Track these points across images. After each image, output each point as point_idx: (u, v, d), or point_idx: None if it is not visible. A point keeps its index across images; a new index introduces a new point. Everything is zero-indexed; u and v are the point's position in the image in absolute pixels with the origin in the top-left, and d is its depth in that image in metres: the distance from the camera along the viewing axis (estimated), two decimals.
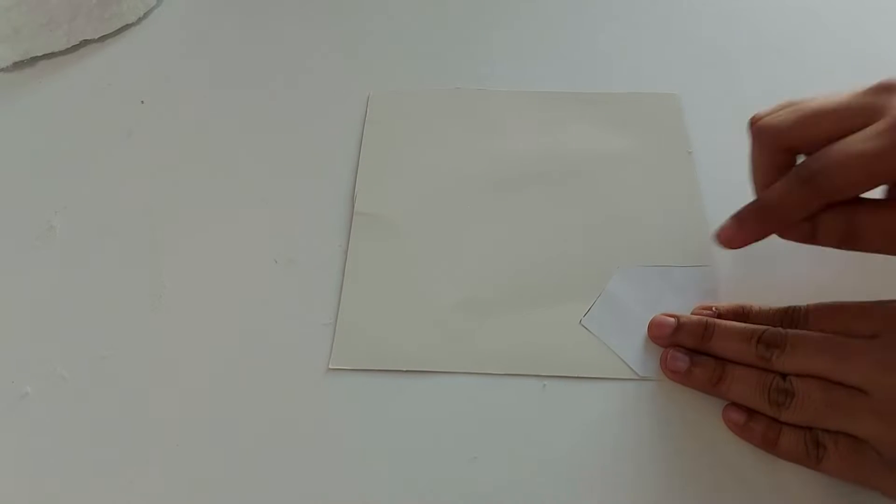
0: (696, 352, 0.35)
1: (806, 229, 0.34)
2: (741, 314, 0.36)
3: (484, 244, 0.41)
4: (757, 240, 0.35)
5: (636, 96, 0.47)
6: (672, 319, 0.36)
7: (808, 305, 0.35)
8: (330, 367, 0.37)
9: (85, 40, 0.52)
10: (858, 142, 0.32)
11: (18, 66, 0.51)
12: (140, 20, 0.53)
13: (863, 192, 0.33)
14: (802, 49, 0.49)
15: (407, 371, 0.36)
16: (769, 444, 0.33)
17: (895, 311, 0.32)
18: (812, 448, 0.32)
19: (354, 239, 0.41)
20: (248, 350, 0.37)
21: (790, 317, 0.35)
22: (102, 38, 0.52)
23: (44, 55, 0.51)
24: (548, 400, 0.35)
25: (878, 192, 0.33)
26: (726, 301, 0.37)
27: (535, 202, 0.42)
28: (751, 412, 0.33)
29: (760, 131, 0.35)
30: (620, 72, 0.49)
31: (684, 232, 0.41)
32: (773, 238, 0.39)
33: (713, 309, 0.36)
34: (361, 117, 0.47)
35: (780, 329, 0.34)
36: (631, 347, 0.37)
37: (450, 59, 0.50)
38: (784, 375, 0.33)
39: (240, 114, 0.48)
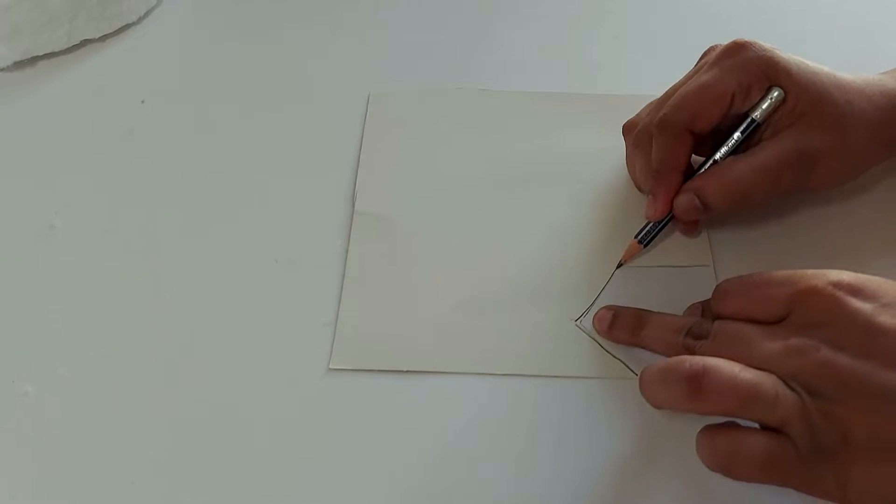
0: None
1: (696, 202, 0.37)
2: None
3: (483, 244, 0.41)
4: (669, 200, 0.38)
5: (635, 98, 0.47)
6: (609, 314, 0.37)
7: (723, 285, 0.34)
8: (330, 367, 0.37)
9: (85, 40, 0.52)
10: (694, 78, 0.38)
11: (19, 65, 0.51)
12: (141, 20, 0.53)
13: (707, 122, 0.37)
14: (801, 50, 0.49)
15: (407, 371, 0.36)
16: None
17: (799, 290, 0.31)
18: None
19: (354, 239, 0.41)
20: (248, 350, 0.37)
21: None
22: (103, 38, 0.52)
23: (44, 55, 0.51)
24: (547, 400, 0.35)
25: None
26: None
27: (535, 202, 0.42)
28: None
29: (664, 123, 0.38)
30: (620, 73, 0.49)
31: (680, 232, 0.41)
32: (772, 239, 0.39)
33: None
34: (361, 117, 0.47)
35: (707, 320, 0.34)
36: (628, 347, 0.37)
37: (450, 59, 0.50)
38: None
39: (240, 113, 0.48)
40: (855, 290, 0.30)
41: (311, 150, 0.45)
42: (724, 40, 0.38)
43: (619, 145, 0.43)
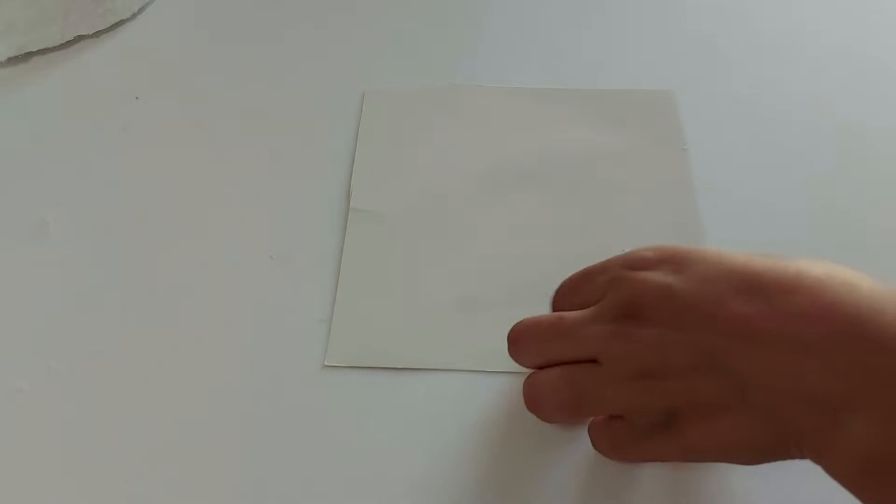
0: None
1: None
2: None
3: (480, 240, 0.41)
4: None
5: (631, 93, 0.47)
6: None
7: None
8: (325, 363, 0.37)
9: (79, 36, 0.51)
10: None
11: (12, 61, 0.51)
12: (134, 16, 0.53)
13: None
14: (798, 47, 0.49)
15: (403, 368, 0.36)
16: None
17: (609, 277, 0.31)
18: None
19: (350, 235, 0.41)
20: (243, 346, 0.37)
21: None
22: (97, 34, 0.52)
23: (38, 51, 0.51)
24: None
25: None
26: None
27: (531, 199, 0.42)
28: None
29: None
30: (616, 69, 0.49)
31: (678, 229, 0.41)
32: (771, 238, 0.39)
33: None
34: (357, 114, 0.47)
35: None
36: None
37: (445, 56, 0.50)
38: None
39: (234, 110, 0.48)
40: (646, 264, 0.30)
41: (306, 147, 0.45)
42: (720, 36, 0.38)
43: (613, 141, 0.42)
